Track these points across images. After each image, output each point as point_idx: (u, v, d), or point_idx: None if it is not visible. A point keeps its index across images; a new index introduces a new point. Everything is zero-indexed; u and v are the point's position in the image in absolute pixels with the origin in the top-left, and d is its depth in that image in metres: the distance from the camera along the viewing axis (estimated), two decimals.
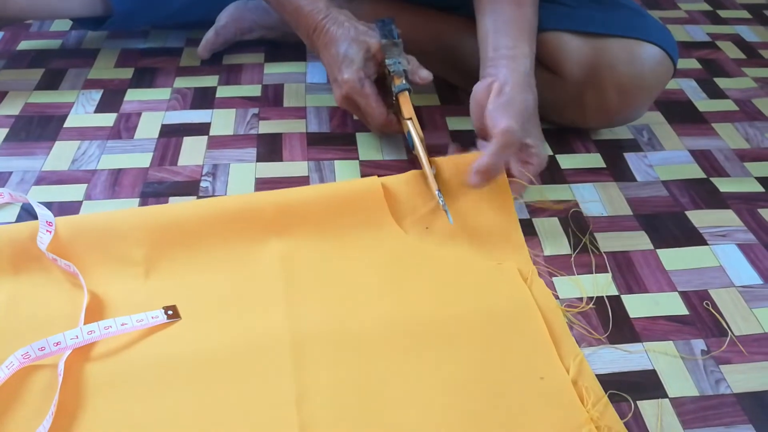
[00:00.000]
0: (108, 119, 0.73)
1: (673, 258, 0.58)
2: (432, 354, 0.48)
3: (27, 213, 0.60)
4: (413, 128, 0.63)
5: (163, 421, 0.43)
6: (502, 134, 0.56)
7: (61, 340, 0.45)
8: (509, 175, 0.61)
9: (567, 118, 0.72)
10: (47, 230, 0.52)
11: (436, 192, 0.57)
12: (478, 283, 0.54)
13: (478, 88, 0.62)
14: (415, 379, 0.46)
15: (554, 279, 0.56)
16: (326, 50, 0.66)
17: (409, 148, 0.64)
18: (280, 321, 0.50)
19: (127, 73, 0.81)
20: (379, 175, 0.61)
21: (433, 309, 0.52)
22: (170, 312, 0.49)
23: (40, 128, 0.71)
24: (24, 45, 0.86)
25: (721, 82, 0.84)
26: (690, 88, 0.83)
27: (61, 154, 0.68)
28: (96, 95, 0.77)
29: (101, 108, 0.75)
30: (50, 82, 0.79)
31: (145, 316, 0.48)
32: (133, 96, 0.77)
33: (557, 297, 0.54)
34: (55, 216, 0.55)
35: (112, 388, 0.45)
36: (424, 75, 0.67)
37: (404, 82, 0.65)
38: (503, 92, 0.59)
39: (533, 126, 0.61)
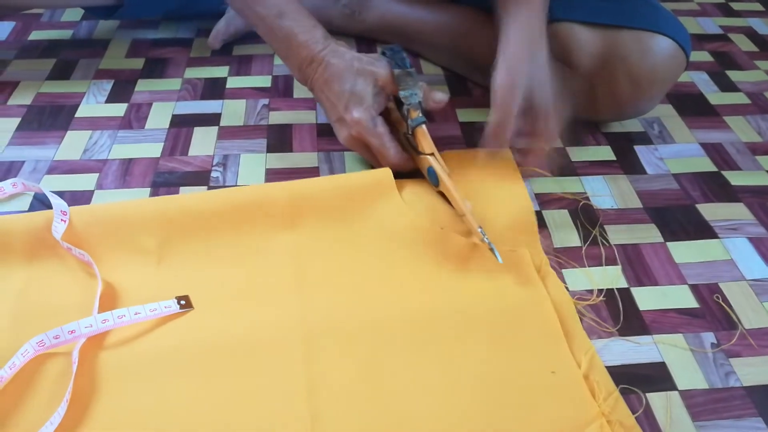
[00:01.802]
0: (119, 109, 0.73)
1: (683, 251, 0.58)
2: (443, 347, 0.48)
3: (39, 202, 0.60)
4: (437, 164, 0.58)
5: (175, 409, 0.44)
6: (498, 90, 0.56)
7: (76, 329, 0.46)
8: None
9: (578, 110, 0.71)
10: (62, 219, 0.53)
11: (479, 230, 0.53)
12: (491, 274, 0.54)
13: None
14: (426, 372, 0.47)
15: (564, 271, 0.56)
16: (327, 86, 0.60)
17: (433, 185, 0.60)
18: (292, 312, 0.50)
19: (138, 63, 0.81)
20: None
21: (445, 301, 0.52)
22: (183, 302, 0.50)
23: (51, 118, 0.72)
24: (35, 35, 0.87)
25: (733, 75, 0.84)
26: (702, 81, 0.82)
27: (72, 144, 0.68)
28: (107, 85, 0.77)
29: (112, 98, 0.75)
30: (62, 72, 0.79)
31: (158, 305, 0.49)
32: (144, 86, 0.77)
33: (567, 289, 0.54)
34: (67, 205, 0.55)
35: (125, 377, 0.45)
36: (439, 98, 0.62)
37: (420, 114, 0.59)
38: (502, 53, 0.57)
39: (542, 82, 0.58)
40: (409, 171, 0.62)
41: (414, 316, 0.50)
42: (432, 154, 0.59)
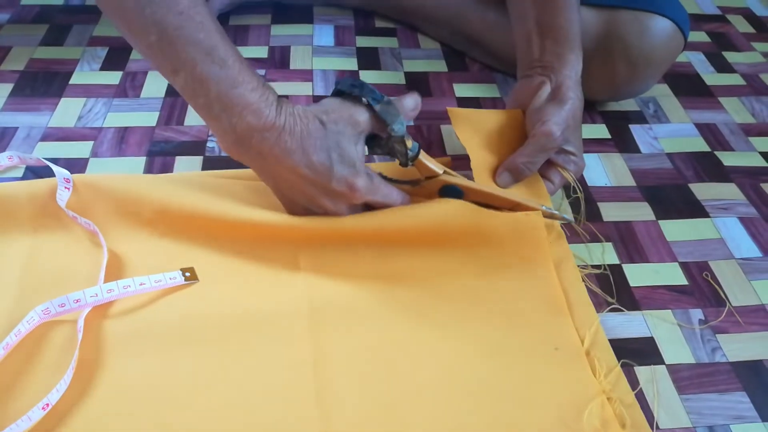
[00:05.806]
0: (114, 77, 0.73)
1: (674, 229, 0.60)
2: (448, 322, 0.49)
3: (32, 173, 0.60)
4: (455, 179, 0.54)
5: (177, 379, 0.44)
6: (542, 136, 0.54)
7: (81, 297, 0.46)
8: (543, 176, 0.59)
9: None
10: (65, 187, 0.53)
11: (543, 208, 0.53)
12: (500, 246, 0.53)
13: (523, 87, 0.59)
14: (430, 347, 0.47)
15: None
16: (293, 157, 0.46)
17: (458, 197, 0.54)
18: (298, 285, 0.50)
19: None
20: None
21: (452, 276, 0.52)
22: (188, 274, 0.50)
23: (45, 84, 0.71)
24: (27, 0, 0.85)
25: (730, 56, 0.84)
26: (698, 62, 0.83)
27: (66, 111, 0.67)
28: (101, 52, 0.76)
29: (107, 66, 0.74)
30: (55, 38, 0.78)
31: (163, 276, 0.49)
32: (139, 54, 0.76)
33: None
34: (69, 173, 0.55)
35: (130, 346, 0.46)
36: (414, 104, 0.52)
37: (411, 139, 0.52)
38: (555, 95, 0.57)
39: (576, 136, 0.58)
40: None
41: (420, 292, 0.51)
42: (444, 173, 0.54)
